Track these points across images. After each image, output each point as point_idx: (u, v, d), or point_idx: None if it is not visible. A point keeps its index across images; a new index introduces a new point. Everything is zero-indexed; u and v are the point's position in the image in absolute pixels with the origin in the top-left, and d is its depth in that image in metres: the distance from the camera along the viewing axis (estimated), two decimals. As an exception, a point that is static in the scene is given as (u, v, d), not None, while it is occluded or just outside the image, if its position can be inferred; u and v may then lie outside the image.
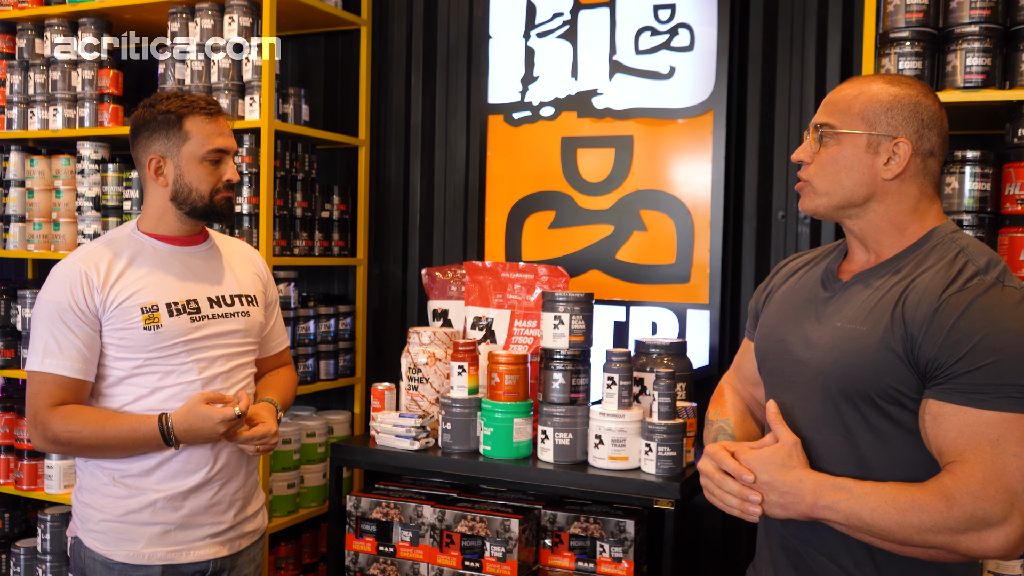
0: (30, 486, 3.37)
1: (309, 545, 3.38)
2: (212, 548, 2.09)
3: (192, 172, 2.06)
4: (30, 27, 3.50)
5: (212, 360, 2.09)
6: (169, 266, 2.09)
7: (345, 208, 3.44)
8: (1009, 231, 2.27)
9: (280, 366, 2.38)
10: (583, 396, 2.50)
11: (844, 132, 1.55)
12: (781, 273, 1.81)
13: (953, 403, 1.40)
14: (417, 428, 2.60)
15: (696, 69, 2.88)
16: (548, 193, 3.10)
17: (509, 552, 2.46)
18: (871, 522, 1.41)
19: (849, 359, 1.50)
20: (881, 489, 1.43)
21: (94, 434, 1.96)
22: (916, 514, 1.38)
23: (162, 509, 2.03)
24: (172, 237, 2.12)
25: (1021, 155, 2.26)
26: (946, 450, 1.41)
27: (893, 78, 1.59)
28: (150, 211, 2.12)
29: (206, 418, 1.95)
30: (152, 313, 2.01)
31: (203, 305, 2.09)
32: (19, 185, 3.50)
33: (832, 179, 1.56)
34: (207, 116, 2.07)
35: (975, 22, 2.27)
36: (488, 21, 3.18)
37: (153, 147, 2.07)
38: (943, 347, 1.40)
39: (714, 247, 2.86)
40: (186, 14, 3.18)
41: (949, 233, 1.54)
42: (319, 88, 3.60)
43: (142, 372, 2.03)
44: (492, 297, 2.82)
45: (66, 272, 2.02)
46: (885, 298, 1.50)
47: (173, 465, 2.04)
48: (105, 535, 2.03)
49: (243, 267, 2.25)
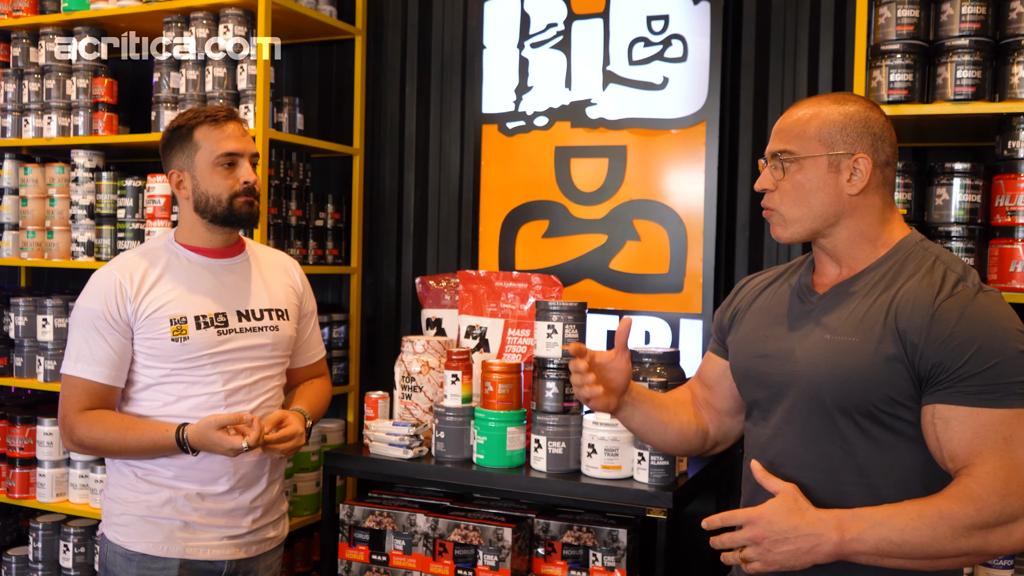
0: (22, 494, 3.36)
1: (302, 554, 3.38)
2: (230, 549, 2.14)
3: (207, 179, 2.12)
4: (25, 35, 3.51)
5: (237, 373, 2.14)
6: (201, 278, 2.15)
7: (339, 217, 3.45)
8: (999, 242, 2.29)
9: (315, 376, 2.43)
10: (576, 405, 2.51)
11: (804, 156, 1.57)
12: (745, 291, 1.84)
13: (965, 405, 1.44)
14: (410, 437, 2.61)
15: (689, 80, 2.90)
16: (542, 202, 3.11)
17: (502, 561, 2.46)
18: (902, 542, 1.41)
19: (844, 369, 1.51)
20: (903, 509, 1.43)
21: (115, 441, 2.04)
22: (946, 523, 1.40)
23: (183, 506, 2.10)
24: (206, 249, 2.18)
25: (1011, 167, 2.28)
26: (960, 453, 1.44)
27: (838, 97, 1.62)
28: (183, 223, 2.19)
29: (216, 444, 2.00)
30: (180, 325, 2.08)
31: (231, 319, 2.15)
32: (13, 193, 3.50)
33: (800, 203, 1.58)
34: (213, 123, 2.12)
35: (965, 35, 2.29)
36: (482, 31, 3.19)
37: (173, 163, 2.16)
38: (946, 352, 1.44)
39: (707, 257, 2.88)
40: (181, 23, 3.18)
41: (918, 242, 1.60)
42: (314, 97, 3.61)
43: (169, 381, 2.10)
44: (486, 306, 2.83)
45: (102, 281, 2.10)
46: (873, 308, 1.53)
47: (194, 472, 2.11)
48: (127, 528, 2.10)
49: (278, 279, 2.30)
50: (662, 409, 1.84)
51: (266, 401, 2.21)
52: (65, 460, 3.33)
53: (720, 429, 1.90)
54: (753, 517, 1.49)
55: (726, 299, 1.89)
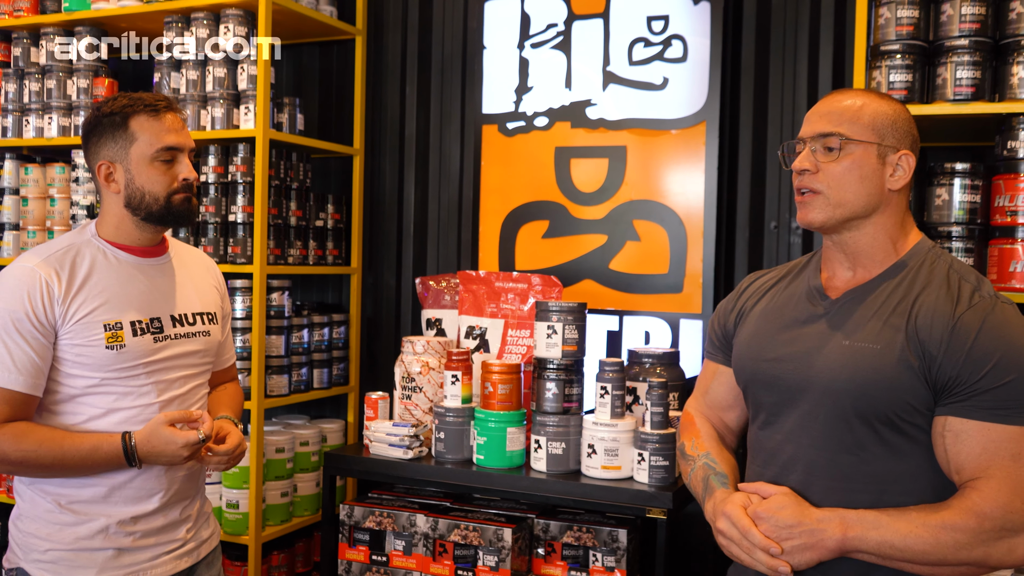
0: (22, 494, 3.36)
1: (302, 554, 3.38)
2: (170, 563, 1.98)
3: (143, 174, 1.92)
4: (26, 35, 3.51)
5: (171, 382, 1.97)
6: (132, 280, 1.95)
7: (339, 217, 3.45)
8: (998, 242, 2.29)
9: (228, 380, 2.27)
10: (576, 406, 2.51)
11: (860, 141, 1.56)
12: (749, 292, 1.80)
13: (976, 419, 1.44)
14: (410, 437, 2.61)
15: (689, 80, 2.90)
16: (542, 203, 3.12)
17: (502, 561, 2.46)
18: (904, 548, 1.43)
19: (864, 376, 1.51)
20: (906, 515, 1.45)
21: (51, 453, 1.81)
22: (949, 534, 1.41)
23: (115, 534, 1.90)
24: (132, 247, 1.98)
25: (1011, 167, 2.28)
26: (967, 467, 1.45)
27: (881, 94, 1.63)
28: (108, 218, 1.97)
29: (169, 441, 1.83)
30: (116, 331, 1.88)
31: (166, 324, 1.97)
32: (13, 193, 3.51)
33: (849, 187, 1.56)
34: (152, 113, 1.92)
35: (965, 35, 2.29)
36: (483, 32, 3.19)
37: (102, 152, 1.94)
38: (964, 365, 1.45)
39: (707, 257, 2.88)
40: (182, 23, 3.19)
41: (931, 249, 1.60)
42: (314, 97, 3.61)
43: (97, 391, 1.89)
44: (486, 306, 2.83)
45: (23, 278, 1.84)
46: (893, 316, 1.52)
47: (126, 491, 1.91)
48: (55, 564, 1.88)
49: (203, 280, 2.13)
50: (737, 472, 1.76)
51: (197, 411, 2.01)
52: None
53: (740, 439, 1.87)
54: (760, 513, 1.52)
55: (727, 302, 1.85)
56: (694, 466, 1.74)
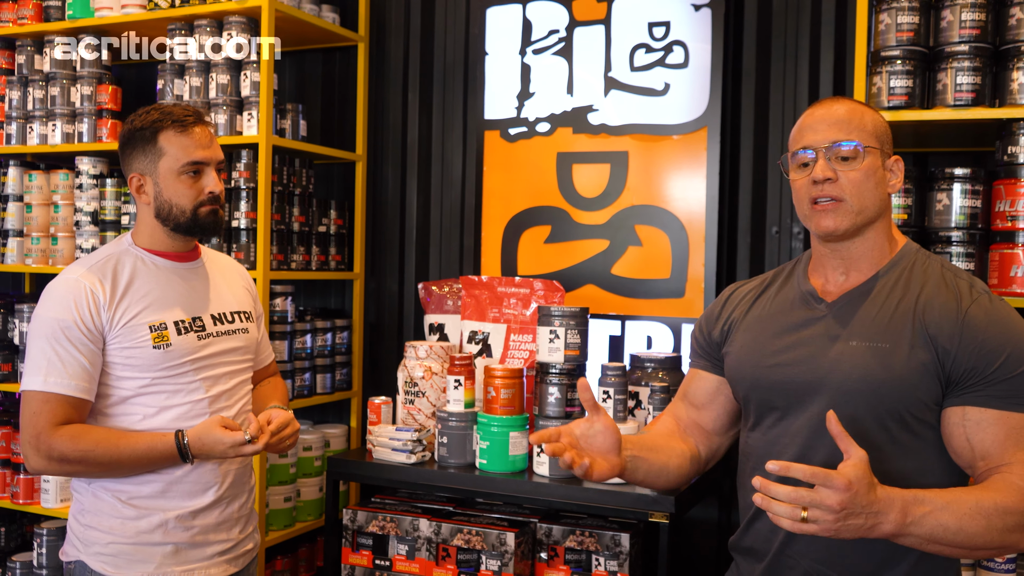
0: (27, 500, 3.37)
1: (305, 559, 3.39)
2: (222, 566, 2.07)
3: (171, 188, 2.00)
4: (29, 43, 3.53)
5: (218, 378, 2.07)
6: (171, 283, 2.05)
7: (342, 223, 3.46)
8: (999, 247, 2.30)
9: (270, 376, 2.39)
10: (579, 410, 2.52)
11: (872, 148, 1.60)
12: (735, 301, 1.81)
13: (995, 408, 1.49)
14: (413, 442, 2.61)
15: (690, 86, 2.91)
16: (544, 208, 3.12)
17: (505, 565, 2.46)
18: (959, 530, 1.40)
19: (877, 376, 1.53)
20: (962, 497, 1.43)
21: (107, 451, 1.90)
22: (1001, 517, 1.42)
23: (173, 529, 1.99)
24: (168, 253, 2.08)
25: (1011, 172, 2.28)
26: (994, 452, 1.48)
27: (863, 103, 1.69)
28: (142, 227, 2.08)
29: (218, 441, 1.91)
30: (161, 331, 1.97)
31: (207, 322, 2.07)
32: (17, 200, 3.52)
33: (868, 195, 1.60)
34: (180, 128, 1.99)
35: (965, 41, 2.30)
36: (484, 38, 3.21)
37: (134, 165, 2.03)
38: (979, 357, 1.49)
39: (708, 262, 2.89)
40: (185, 31, 3.20)
41: (918, 250, 1.66)
42: (316, 104, 3.63)
43: (149, 391, 1.98)
44: (488, 311, 2.84)
45: (69, 288, 1.95)
46: (897, 314, 1.56)
47: (183, 485, 2.01)
48: (116, 558, 1.98)
49: (235, 283, 2.23)
50: (657, 451, 1.72)
51: (244, 405, 2.15)
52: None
53: (710, 448, 1.85)
54: (842, 484, 1.32)
55: (710, 311, 1.86)
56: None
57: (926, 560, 1.55)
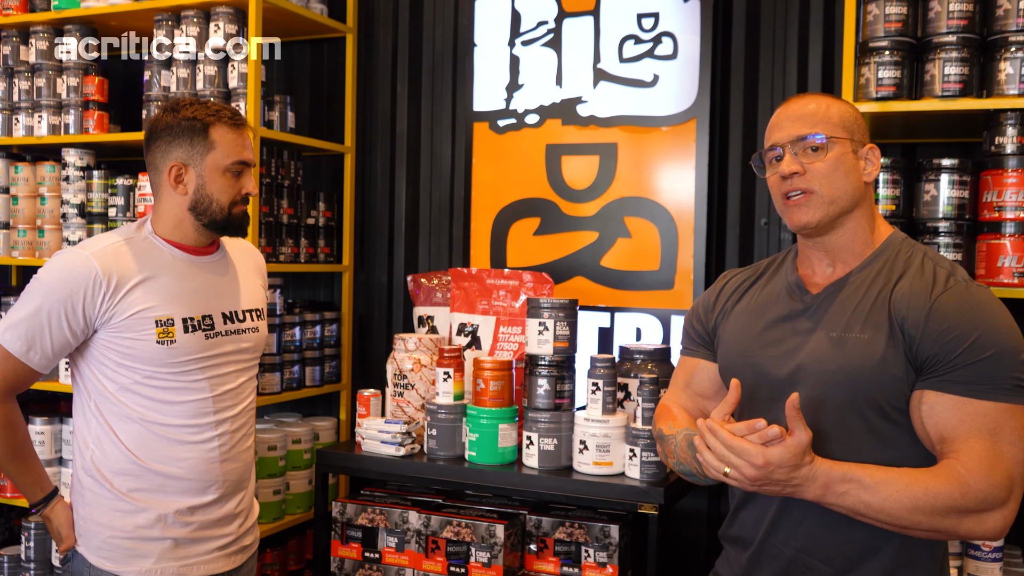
0: (14, 494, 3.36)
1: (295, 551, 3.38)
2: (220, 562, 2.06)
3: (215, 182, 1.99)
4: (15, 34, 3.50)
5: (223, 377, 2.05)
6: (187, 277, 2.02)
7: (331, 215, 3.45)
8: (987, 238, 2.31)
9: None
10: (568, 402, 2.52)
11: (837, 138, 1.61)
12: (728, 290, 1.82)
13: (952, 393, 1.48)
14: (403, 434, 2.61)
15: (679, 77, 2.91)
16: (533, 200, 3.12)
17: (494, 557, 2.47)
18: (880, 509, 1.45)
19: (854, 366, 1.54)
20: (895, 479, 1.46)
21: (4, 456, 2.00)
22: (929, 501, 1.44)
23: (172, 524, 1.98)
24: (188, 247, 2.04)
25: (999, 163, 2.29)
26: (948, 436, 1.49)
27: (830, 95, 1.70)
28: (166, 218, 2.03)
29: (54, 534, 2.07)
30: (167, 328, 1.94)
31: (217, 321, 2.04)
32: (4, 192, 3.50)
33: (837, 184, 1.60)
34: (233, 126, 2.01)
35: (953, 32, 2.30)
36: (473, 29, 3.20)
37: (174, 153, 1.99)
38: (943, 344, 1.49)
39: (697, 254, 2.89)
40: (172, 21, 3.18)
41: (903, 240, 1.66)
42: (305, 95, 3.61)
43: (148, 384, 1.96)
44: (477, 303, 2.84)
45: (79, 267, 1.90)
46: (876, 305, 1.57)
47: (184, 483, 2.00)
48: (114, 551, 1.97)
49: (252, 277, 2.20)
50: None
51: (248, 405, 2.14)
52: (57, 459, 3.32)
53: None
54: (759, 462, 1.43)
55: (705, 298, 1.86)
56: (676, 440, 1.72)
57: (908, 547, 1.56)
